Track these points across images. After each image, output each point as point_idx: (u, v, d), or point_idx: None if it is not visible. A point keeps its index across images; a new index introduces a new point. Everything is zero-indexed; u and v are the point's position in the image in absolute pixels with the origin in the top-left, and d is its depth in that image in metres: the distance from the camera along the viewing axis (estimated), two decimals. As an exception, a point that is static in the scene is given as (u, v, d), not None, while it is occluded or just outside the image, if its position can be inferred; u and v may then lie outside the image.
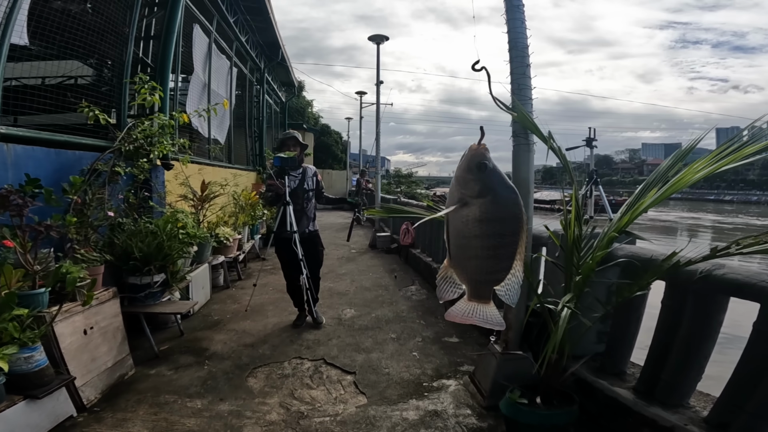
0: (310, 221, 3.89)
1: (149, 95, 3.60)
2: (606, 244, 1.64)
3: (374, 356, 3.22)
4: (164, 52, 4.79)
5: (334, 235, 9.84)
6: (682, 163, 1.63)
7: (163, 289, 3.23)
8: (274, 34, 9.59)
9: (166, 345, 3.33)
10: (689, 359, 1.77)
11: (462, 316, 1.34)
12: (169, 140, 4.01)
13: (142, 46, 5.04)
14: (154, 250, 3.01)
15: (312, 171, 3.97)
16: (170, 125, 3.71)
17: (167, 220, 3.34)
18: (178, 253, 3.21)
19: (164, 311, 3.26)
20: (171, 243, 3.12)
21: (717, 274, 1.58)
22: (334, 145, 29.20)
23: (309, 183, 3.89)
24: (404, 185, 18.90)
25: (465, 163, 1.09)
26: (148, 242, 3.01)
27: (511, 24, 2.18)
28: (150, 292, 3.10)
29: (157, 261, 3.04)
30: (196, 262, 4.15)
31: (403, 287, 5.21)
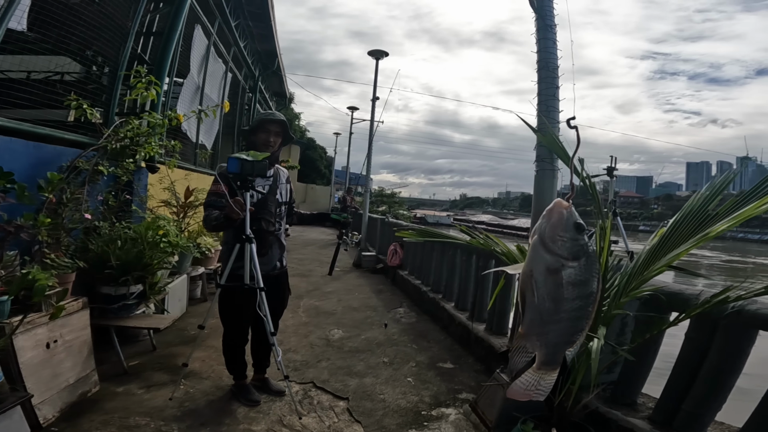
0: (282, 252, 2.64)
1: (146, 90, 3.39)
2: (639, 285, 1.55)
3: (368, 381, 3.01)
4: (164, 49, 4.60)
5: (318, 252, 9.59)
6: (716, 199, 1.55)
7: (139, 301, 2.96)
8: (273, 42, 9.52)
9: (137, 360, 3.03)
10: (716, 391, 1.68)
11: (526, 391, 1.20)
12: (158, 141, 3.80)
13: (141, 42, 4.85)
14: (134, 258, 2.75)
15: (285, 175, 2.69)
16: (163, 125, 3.50)
17: (148, 227, 3.09)
18: (159, 263, 2.96)
19: (139, 326, 2.98)
20: (152, 252, 2.87)
21: (750, 309, 1.51)
22: (318, 159, 29.08)
23: (282, 193, 2.59)
24: (387, 205, 18.84)
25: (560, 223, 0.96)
26: (127, 250, 2.75)
27: (542, 44, 2.13)
28: (124, 304, 2.82)
29: (136, 271, 2.78)
30: (176, 273, 3.88)
31: (392, 309, 5.03)
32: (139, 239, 2.85)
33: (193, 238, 4.22)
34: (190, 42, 5.84)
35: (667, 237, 1.64)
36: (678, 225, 1.65)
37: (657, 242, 1.69)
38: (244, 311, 2.43)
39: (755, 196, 1.37)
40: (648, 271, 1.47)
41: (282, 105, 17.43)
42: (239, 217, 2.16)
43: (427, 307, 4.88)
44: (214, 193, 2.33)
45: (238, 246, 2.31)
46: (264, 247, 2.46)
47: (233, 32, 7.78)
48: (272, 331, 2.36)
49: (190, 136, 5.97)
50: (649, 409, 2.01)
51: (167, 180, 4.11)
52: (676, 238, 1.58)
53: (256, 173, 2.25)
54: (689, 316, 1.43)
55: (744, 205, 1.37)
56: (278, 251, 2.60)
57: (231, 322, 2.52)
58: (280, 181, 2.59)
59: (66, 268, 2.41)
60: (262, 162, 2.24)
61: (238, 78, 9.21)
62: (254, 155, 2.22)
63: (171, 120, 3.52)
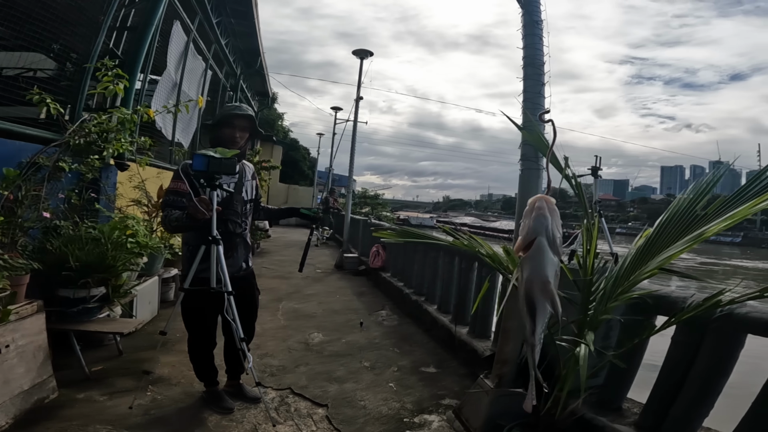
0: (248, 253, 2.50)
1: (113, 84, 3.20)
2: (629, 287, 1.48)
3: (348, 387, 2.90)
4: (138, 45, 4.46)
5: (299, 254, 9.37)
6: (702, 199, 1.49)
7: (102, 305, 2.77)
8: (256, 40, 9.36)
9: (101, 365, 2.84)
10: (705, 396, 1.63)
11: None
12: (128, 138, 3.61)
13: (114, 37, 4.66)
14: (95, 259, 2.57)
15: (251, 171, 2.53)
16: (132, 120, 3.32)
17: (115, 227, 2.91)
18: (124, 264, 2.78)
19: (102, 330, 2.79)
20: (117, 253, 2.69)
21: (740, 313, 1.47)
22: (301, 160, 28.76)
23: (248, 190, 2.44)
24: (370, 206, 18.74)
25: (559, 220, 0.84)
26: (88, 250, 2.57)
27: (528, 40, 2.07)
28: (85, 307, 2.64)
29: (97, 273, 2.60)
30: (146, 275, 3.68)
31: (374, 312, 4.92)
32: (103, 239, 2.66)
33: (166, 239, 4.03)
34: (167, 38, 5.67)
35: (654, 238, 1.59)
36: (665, 226, 1.60)
37: (644, 244, 1.64)
38: (209, 316, 2.29)
39: (746, 195, 1.33)
40: (636, 274, 1.41)
41: (264, 104, 17.13)
42: (204, 218, 1.98)
43: (409, 309, 4.79)
44: (174, 191, 2.14)
45: (204, 248, 2.15)
46: (231, 249, 2.32)
47: (215, 29, 7.60)
48: (242, 336, 2.21)
49: (165, 133, 5.76)
50: (636, 415, 1.96)
51: (137, 178, 3.91)
52: (663, 240, 1.53)
53: (224, 171, 2.08)
54: (680, 321, 1.38)
55: (733, 206, 1.32)
56: (244, 252, 2.45)
57: (196, 328, 2.36)
58: (246, 178, 2.43)
59: (20, 269, 2.23)
60: (231, 159, 2.08)
61: (219, 76, 9.01)
62: (222, 152, 2.07)
63: (141, 115, 3.34)
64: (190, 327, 2.37)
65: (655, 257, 1.42)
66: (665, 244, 1.48)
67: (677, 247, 1.22)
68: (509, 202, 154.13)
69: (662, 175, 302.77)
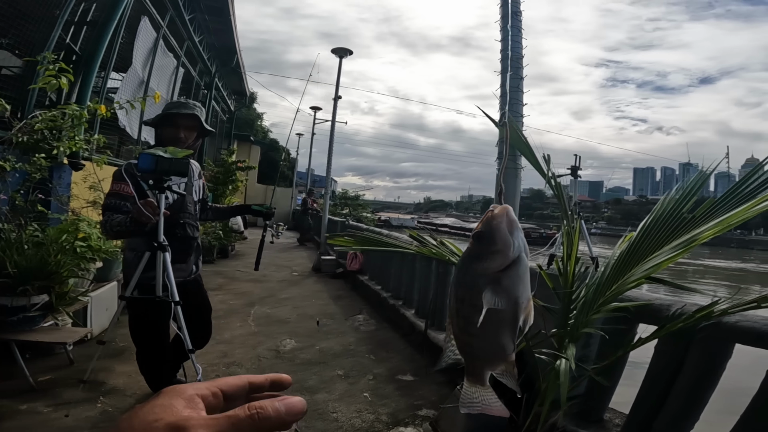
0: (199, 255, 2.36)
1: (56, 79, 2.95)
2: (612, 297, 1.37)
3: (320, 398, 2.74)
4: (98, 40, 4.29)
5: (276, 256, 9.17)
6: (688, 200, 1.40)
7: (46, 313, 2.54)
8: (231, 37, 9.13)
9: (49, 375, 2.62)
10: (691, 408, 1.55)
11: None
12: (83, 136, 3.36)
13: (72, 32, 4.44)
14: (36, 265, 2.34)
15: (198, 169, 2.36)
16: (82, 117, 3.07)
17: (64, 230, 2.68)
18: (70, 270, 2.55)
19: (44, 340, 2.56)
20: (62, 258, 2.46)
21: (729, 322, 1.38)
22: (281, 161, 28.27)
23: (197, 191, 2.31)
24: (350, 207, 18.52)
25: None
26: (28, 255, 2.33)
27: (506, 32, 1.96)
28: (25, 316, 2.41)
29: (38, 279, 2.36)
30: (103, 280, 3.43)
31: (350, 316, 4.77)
32: (47, 243, 2.43)
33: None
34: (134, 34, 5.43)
35: (638, 243, 1.49)
36: (649, 230, 1.50)
37: (627, 249, 1.54)
38: (160, 326, 2.10)
39: (737, 196, 1.24)
40: (620, 283, 1.30)
41: (242, 104, 16.75)
42: (149, 222, 1.82)
43: (387, 314, 4.65)
44: (115, 194, 1.95)
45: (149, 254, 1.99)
46: (187, 253, 2.20)
47: (187, 26, 7.36)
48: (190, 347, 2.06)
49: (130, 132, 5.48)
50: (618, 426, 1.87)
51: (94, 178, 3.64)
52: (648, 245, 1.44)
53: (174, 172, 1.91)
54: (670, 331, 1.28)
55: (724, 208, 1.23)
56: (195, 255, 2.32)
57: (146, 340, 2.16)
58: (194, 178, 2.28)
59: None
60: (182, 160, 1.91)
61: (192, 74, 8.72)
62: (173, 152, 1.89)
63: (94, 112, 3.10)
64: (139, 339, 2.18)
65: (641, 263, 1.32)
66: (650, 250, 1.39)
67: (667, 254, 1.12)
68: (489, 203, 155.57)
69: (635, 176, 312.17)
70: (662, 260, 1.10)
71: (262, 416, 0.32)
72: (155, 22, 6.10)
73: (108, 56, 4.83)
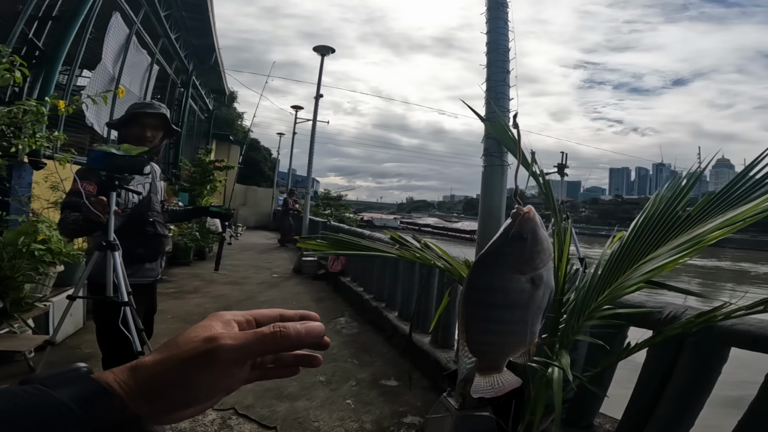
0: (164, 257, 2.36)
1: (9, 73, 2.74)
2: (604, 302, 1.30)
3: (300, 405, 2.62)
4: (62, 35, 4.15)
5: (257, 257, 8.96)
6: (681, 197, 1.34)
7: None
8: (210, 35, 8.88)
9: (7, 383, 2.41)
10: (685, 413, 1.50)
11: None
12: (45, 133, 3.14)
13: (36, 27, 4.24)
14: (-13, 271, 2.16)
15: (158, 171, 2.35)
16: (40, 112, 2.86)
17: (22, 232, 2.48)
18: (26, 274, 2.36)
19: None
20: (17, 262, 2.27)
21: (724, 325, 1.33)
22: (262, 161, 27.85)
23: (160, 191, 2.31)
24: (332, 208, 18.35)
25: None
26: (-23, 261, 2.15)
27: (492, 24, 1.88)
28: (-25, 325, 2.21)
29: (-11, 286, 2.18)
30: (65, 285, 3.23)
31: (332, 319, 4.65)
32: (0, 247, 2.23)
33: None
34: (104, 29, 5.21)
35: (631, 244, 1.43)
36: (641, 229, 1.44)
37: (619, 249, 1.47)
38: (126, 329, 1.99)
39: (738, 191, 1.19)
40: (615, 287, 1.23)
41: (221, 102, 16.38)
42: (100, 221, 1.76)
43: (369, 316, 4.55)
44: (76, 192, 1.87)
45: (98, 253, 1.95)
46: (158, 251, 2.18)
47: (163, 23, 7.12)
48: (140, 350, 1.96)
49: (98, 129, 5.22)
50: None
51: (55, 177, 3.42)
52: (641, 245, 1.37)
53: (129, 170, 1.85)
54: (667, 337, 1.22)
55: (722, 205, 1.18)
56: (162, 255, 2.29)
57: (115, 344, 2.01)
58: (157, 178, 2.25)
59: None
60: (137, 157, 1.83)
61: (168, 71, 8.45)
62: (127, 149, 1.82)
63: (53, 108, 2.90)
64: (107, 343, 2.04)
65: (637, 265, 1.26)
66: (644, 251, 1.33)
67: (667, 255, 1.05)
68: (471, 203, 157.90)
69: (611, 176, 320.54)
70: (664, 262, 1.03)
71: (284, 334, 0.38)
72: (128, 18, 5.89)
73: (75, 52, 4.64)
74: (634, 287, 1.12)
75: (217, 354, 0.35)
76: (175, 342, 0.36)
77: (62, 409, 0.30)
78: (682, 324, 1.13)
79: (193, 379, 0.35)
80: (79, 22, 4.38)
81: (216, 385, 0.36)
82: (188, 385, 0.35)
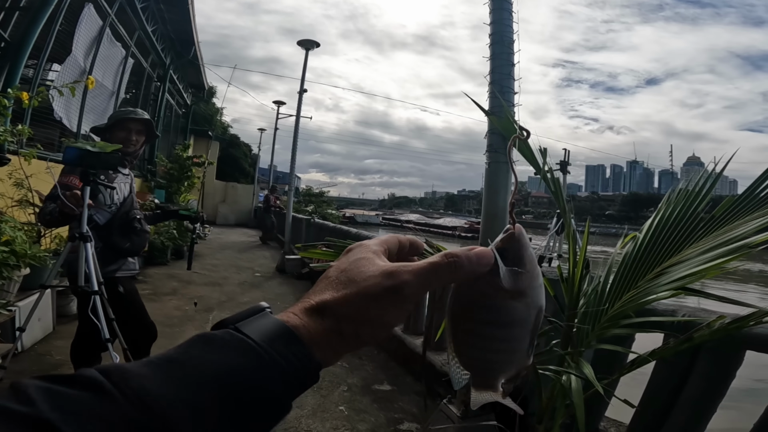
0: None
1: None
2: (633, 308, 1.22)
3: (290, 414, 2.45)
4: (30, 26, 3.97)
5: (236, 257, 8.71)
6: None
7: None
8: (189, 28, 8.57)
9: None
10: (699, 420, 1.45)
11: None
12: (8, 127, 2.90)
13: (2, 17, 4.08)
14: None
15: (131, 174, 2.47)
16: (1, 105, 2.63)
17: (-18, 233, 2.26)
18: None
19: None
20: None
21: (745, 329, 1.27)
22: (242, 157, 27.23)
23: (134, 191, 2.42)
24: (315, 204, 18.11)
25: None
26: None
27: (496, 15, 1.78)
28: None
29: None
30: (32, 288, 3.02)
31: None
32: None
33: (64, 245, 3.32)
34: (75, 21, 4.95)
35: (647, 246, 1.35)
36: (658, 231, 1.37)
37: (634, 252, 1.39)
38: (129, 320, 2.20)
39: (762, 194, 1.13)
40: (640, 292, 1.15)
41: (200, 98, 15.89)
42: (73, 213, 1.90)
43: (358, 316, 4.43)
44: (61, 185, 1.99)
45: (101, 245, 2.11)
46: (142, 247, 2.35)
47: (139, 15, 6.82)
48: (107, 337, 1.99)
49: (67, 124, 4.94)
50: (617, 438, 1.77)
51: (20, 173, 3.17)
52: (662, 248, 1.30)
53: (103, 166, 1.94)
54: (696, 343, 1.15)
55: (751, 205, 1.12)
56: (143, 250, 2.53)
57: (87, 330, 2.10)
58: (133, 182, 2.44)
59: None
60: (111, 154, 1.92)
61: (143, 65, 8.11)
62: (102, 146, 1.90)
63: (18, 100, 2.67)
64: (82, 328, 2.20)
65: (657, 269, 1.18)
66: (664, 254, 1.26)
67: (707, 260, 0.97)
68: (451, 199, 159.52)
69: (587, 173, 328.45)
70: (703, 267, 0.95)
71: (458, 264, 0.38)
72: (101, 10, 5.60)
73: (43, 45, 4.38)
74: (669, 294, 1.04)
75: (403, 289, 0.35)
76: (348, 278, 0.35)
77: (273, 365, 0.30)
78: (713, 331, 1.06)
79: (380, 317, 0.35)
80: (47, 13, 4.19)
81: (395, 320, 0.36)
82: (375, 323, 0.35)
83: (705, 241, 1.12)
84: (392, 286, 0.34)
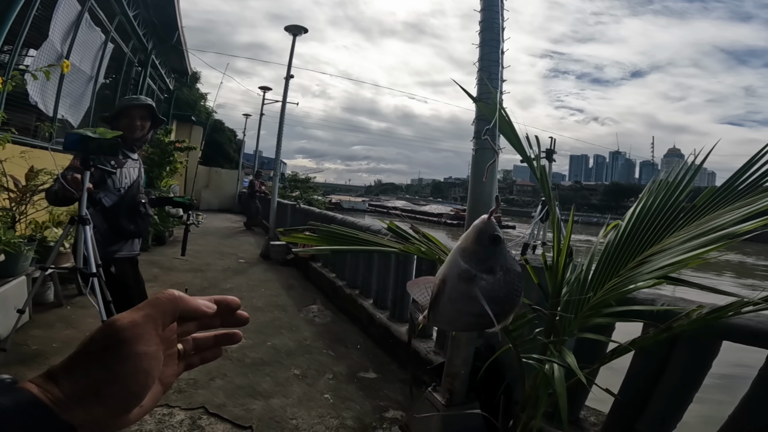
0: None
1: None
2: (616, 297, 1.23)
3: (276, 403, 2.48)
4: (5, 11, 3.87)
5: (220, 243, 8.59)
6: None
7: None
8: (173, 12, 8.28)
9: None
10: (676, 409, 1.49)
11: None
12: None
13: None
14: None
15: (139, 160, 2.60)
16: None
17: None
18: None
19: None
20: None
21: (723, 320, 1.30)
22: (227, 143, 26.73)
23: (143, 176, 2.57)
24: (300, 190, 17.93)
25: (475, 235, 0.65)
26: None
27: (486, 1, 1.75)
28: None
29: None
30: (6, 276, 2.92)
31: (303, 307, 4.49)
32: None
33: (38, 231, 3.22)
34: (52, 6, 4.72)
35: (628, 235, 1.37)
36: (640, 219, 1.38)
37: (616, 241, 1.41)
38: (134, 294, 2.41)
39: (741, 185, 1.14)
40: (621, 281, 1.16)
41: (183, 83, 15.44)
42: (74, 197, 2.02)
43: (343, 304, 4.43)
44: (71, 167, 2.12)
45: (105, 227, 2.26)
46: (146, 229, 2.48)
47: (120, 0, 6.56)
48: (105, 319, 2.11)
49: (43, 108, 4.76)
50: (595, 426, 1.81)
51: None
52: (640, 238, 1.31)
53: (104, 152, 2.04)
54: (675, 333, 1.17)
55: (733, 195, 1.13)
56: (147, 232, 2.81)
57: None
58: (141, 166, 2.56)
59: None
60: (111, 140, 2.01)
61: (124, 50, 7.84)
62: (102, 132, 1.99)
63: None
64: None
65: (639, 258, 1.19)
66: (645, 243, 1.27)
67: (688, 249, 0.97)
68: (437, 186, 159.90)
69: (570, 163, 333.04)
70: (687, 256, 0.96)
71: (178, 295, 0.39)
72: (80, -6, 5.35)
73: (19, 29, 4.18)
74: (652, 282, 1.05)
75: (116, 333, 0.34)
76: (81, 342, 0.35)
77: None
78: (691, 321, 1.08)
79: (109, 368, 0.33)
80: (21, -2, 3.97)
81: (137, 369, 0.34)
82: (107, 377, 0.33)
83: (686, 231, 1.14)
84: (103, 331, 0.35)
